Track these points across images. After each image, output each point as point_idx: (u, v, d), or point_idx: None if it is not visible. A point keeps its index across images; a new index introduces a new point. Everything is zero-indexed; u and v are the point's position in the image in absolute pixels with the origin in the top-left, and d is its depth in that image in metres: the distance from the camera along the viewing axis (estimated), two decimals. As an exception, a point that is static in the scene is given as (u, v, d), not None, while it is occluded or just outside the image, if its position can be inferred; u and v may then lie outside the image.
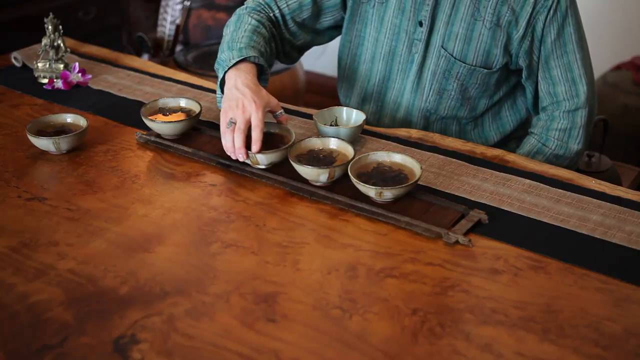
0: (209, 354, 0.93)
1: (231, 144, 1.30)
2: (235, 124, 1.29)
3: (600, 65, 2.89)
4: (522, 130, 1.64)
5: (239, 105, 1.30)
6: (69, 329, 0.96)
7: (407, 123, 1.59)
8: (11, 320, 0.98)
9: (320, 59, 2.00)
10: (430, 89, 1.53)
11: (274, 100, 1.36)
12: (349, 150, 1.32)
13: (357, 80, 1.64)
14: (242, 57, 1.37)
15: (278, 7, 1.55)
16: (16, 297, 1.02)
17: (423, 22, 1.49)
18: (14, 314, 0.99)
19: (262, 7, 1.56)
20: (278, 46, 1.58)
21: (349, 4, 1.57)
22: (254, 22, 1.49)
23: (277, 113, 1.38)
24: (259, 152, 1.29)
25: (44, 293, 1.03)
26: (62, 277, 1.07)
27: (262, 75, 1.43)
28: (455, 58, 1.48)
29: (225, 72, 1.37)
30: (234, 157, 1.32)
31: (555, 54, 1.46)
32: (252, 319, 0.99)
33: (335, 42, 1.71)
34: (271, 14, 1.56)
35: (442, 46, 1.49)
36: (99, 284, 1.05)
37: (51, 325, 0.97)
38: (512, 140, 1.64)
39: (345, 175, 1.26)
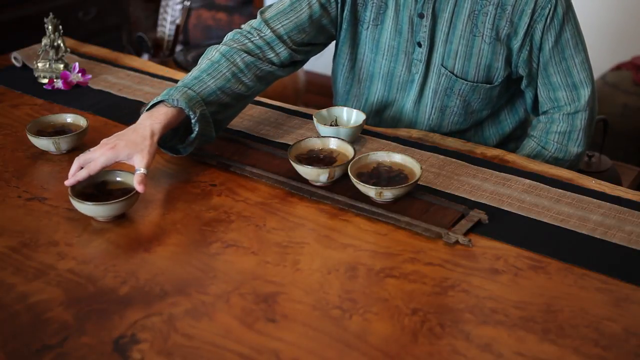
0: (209, 354, 0.93)
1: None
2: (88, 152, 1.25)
3: (600, 65, 2.89)
4: (520, 130, 1.64)
5: (106, 142, 1.25)
6: (69, 329, 0.96)
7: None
8: (11, 320, 0.98)
9: (320, 59, 2.01)
10: (432, 107, 1.53)
11: (141, 158, 1.23)
12: (349, 150, 1.32)
13: (353, 99, 1.63)
14: (158, 101, 1.29)
15: (271, 28, 1.45)
16: (16, 297, 1.02)
17: (422, 42, 1.48)
18: (14, 314, 0.99)
19: (246, 33, 1.46)
20: (261, 71, 1.44)
21: (344, 26, 1.54)
22: (216, 56, 1.40)
23: (136, 170, 1.22)
24: (72, 195, 1.18)
25: (44, 293, 1.03)
26: (62, 277, 1.07)
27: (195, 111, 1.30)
28: (456, 76, 1.48)
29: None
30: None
31: (553, 61, 1.46)
32: (252, 319, 0.99)
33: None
34: (256, 39, 1.45)
35: (442, 64, 1.48)
36: (99, 284, 1.05)
37: (51, 325, 0.97)
38: (511, 141, 1.64)
39: (345, 175, 1.27)
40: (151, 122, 1.26)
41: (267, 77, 1.47)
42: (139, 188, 1.19)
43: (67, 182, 1.21)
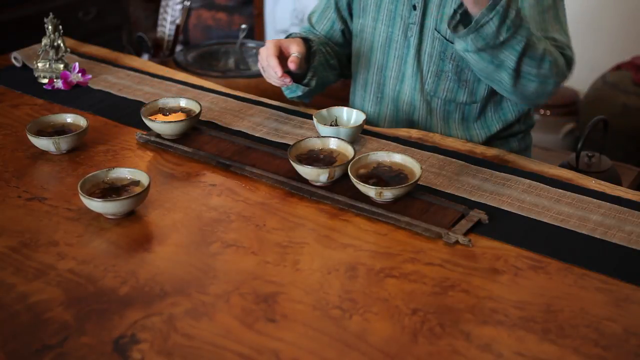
0: (209, 354, 0.93)
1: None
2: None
3: (600, 65, 2.89)
4: (523, 124, 1.64)
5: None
6: (69, 329, 0.96)
7: (409, 107, 1.58)
8: (11, 320, 0.98)
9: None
10: (429, 71, 1.54)
11: (296, 45, 1.45)
12: (349, 150, 1.32)
13: (357, 72, 1.66)
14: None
15: (316, 30, 1.68)
16: (16, 297, 1.02)
17: (417, 5, 1.52)
18: (14, 314, 0.99)
19: (307, 30, 1.70)
20: (331, 48, 1.66)
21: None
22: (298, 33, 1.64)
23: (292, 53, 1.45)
24: (82, 193, 1.19)
25: (44, 293, 1.03)
26: (62, 277, 1.07)
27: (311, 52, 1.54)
28: (447, 40, 1.49)
29: None
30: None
31: (533, 21, 1.41)
32: (252, 319, 0.99)
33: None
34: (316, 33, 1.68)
35: (435, 28, 1.51)
36: (99, 284, 1.05)
37: (51, 325, 0.97)
38: (513, 137, 1.64)
39: (345, 175, 1.27)
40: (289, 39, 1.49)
41: (340, 57, 1.68)
42: (290, 66, 1.41)
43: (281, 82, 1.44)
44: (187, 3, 3.02)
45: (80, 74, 1.72)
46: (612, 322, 0.98)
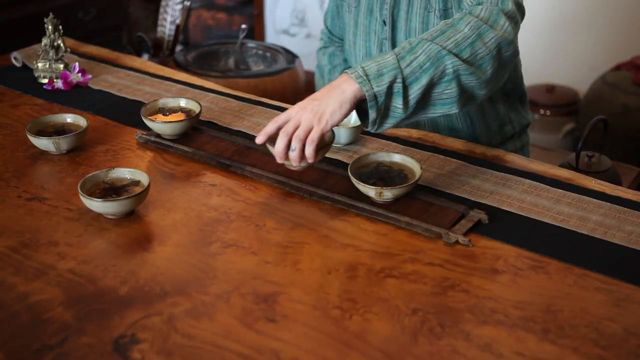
0: (209, 354, 0.93)
1: None
2: None
3: (600, 65, 2.89)
4: (517, 125, 1.64)
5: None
6: (69, 329, 0.97)
7: None
8: (11, 320, 0.98)
9: (320, 59, 2.04)
10: None
11: None
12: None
13: None
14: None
15: (333, 36, 1.71)
16: (16, 297, 1.03)
17: (386, 20, 1.52)
18: (14, 314, 0.99)
19: (326, 36, 1.76)
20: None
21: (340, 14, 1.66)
22: (324, 61, 1.73)
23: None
24: (82, 193, 1.19)
25: (44, 293, 1.03)
26: (62, 277, 1.07)
27: None
28: None
29: None
30: None
31: None
32: (252, 319, 0.99)
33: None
34: (335, 42, 1.73)
35: None
36: (99, 284, 1.05)
37: (51, 325, 0.97)
38: (511, 139, 1.64)
39: (345, 175, 1.26)
40: None
41: None
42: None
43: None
44: (187, 3, 3.02)
45: (80, 74, 1.72)
46: (612, 322, 0.98)
